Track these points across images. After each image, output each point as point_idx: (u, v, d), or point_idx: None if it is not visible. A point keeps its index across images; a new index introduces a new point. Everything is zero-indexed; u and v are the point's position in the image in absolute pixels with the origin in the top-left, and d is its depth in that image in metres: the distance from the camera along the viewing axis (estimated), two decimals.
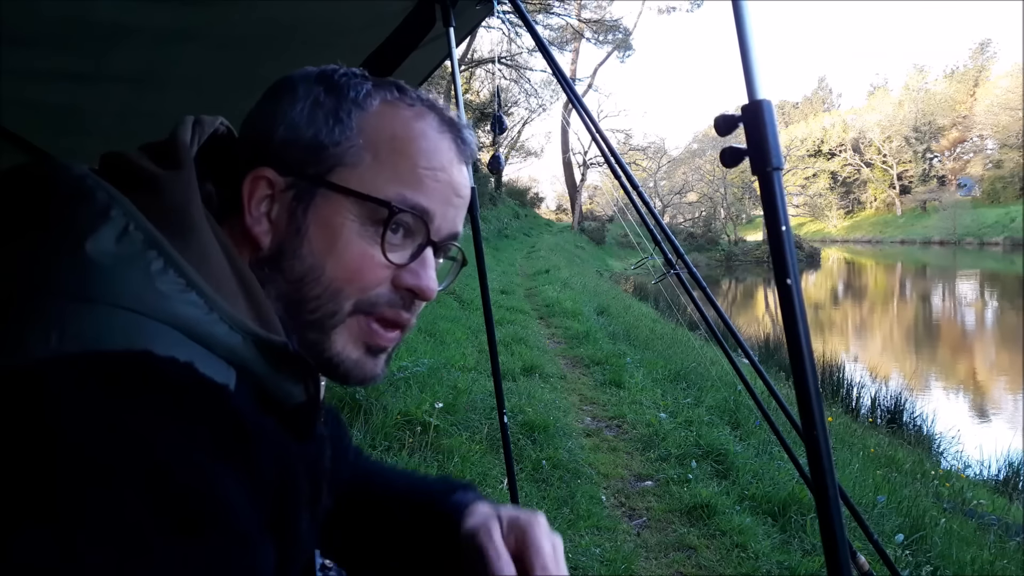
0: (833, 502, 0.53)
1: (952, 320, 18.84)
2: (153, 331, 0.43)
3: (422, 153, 0.55)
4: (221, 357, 0.46)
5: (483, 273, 1.71)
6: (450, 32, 1.49)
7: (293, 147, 0.54)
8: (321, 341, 0.55)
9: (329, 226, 0.54)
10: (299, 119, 0.55)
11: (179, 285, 0.45)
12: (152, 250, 0.45)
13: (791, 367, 0.55)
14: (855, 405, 7.23)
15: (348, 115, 0.55)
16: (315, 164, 0.54)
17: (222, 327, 0.46)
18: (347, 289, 0.54)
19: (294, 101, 0.55)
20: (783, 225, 0.54)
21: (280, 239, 0.54)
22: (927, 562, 2.84)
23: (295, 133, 0.55)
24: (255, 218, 0.54)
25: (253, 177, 0.54)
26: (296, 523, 0.49)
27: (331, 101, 0.55)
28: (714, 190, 41.09)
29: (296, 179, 0.54)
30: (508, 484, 2.01)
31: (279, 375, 0.50)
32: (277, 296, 0.54)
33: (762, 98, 0.55)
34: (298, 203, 0.54)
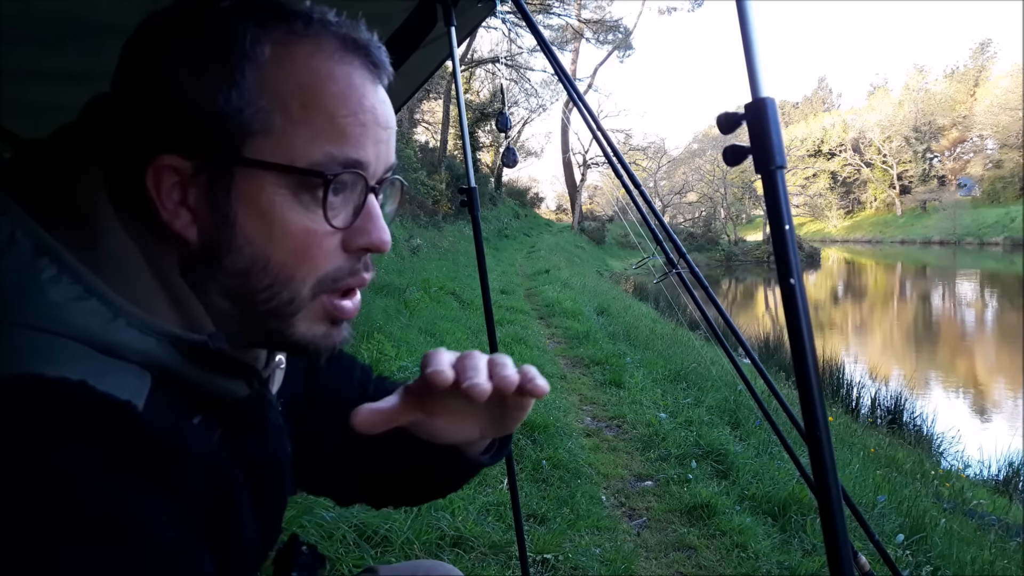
0: (835, 503, 0.53)
1: (952, 320, 18.84)
2: (45, 348, 0.40)
3: (336, 98, 0.48)
4: (135, 363, 0.43)
5: (484, 273, 1.71)
6: (451, 32, 1.49)
7: (188, 124, 0.46)
8: (283, 328, 0.50)
9: (258, 208, 0.47)
10: (187, 89, 0.46)
11: (75, 292, 0.42)
12: (43, 257, 0.42)
13: (794, 367, 0.55)
14: (855, 405, 7.23)
15: (242, 73, 0.46)
16: (221, 140, 0.46)
17: (129, 332, 0.43)
18: (299, 273, 0.49)
19: (173, 66, 0.46)
20: (786, 224, 0.54)
21: (207, 232, 0.48)
22: (927, 562, 2.83)
23: (186, 107, 0.46)
24: (171, 212, 0.47)
25: (154, 168, 0.46)
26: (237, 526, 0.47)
27: (217, 60, 0.46)
28: (714, 190, 41.08)
29: (203, 160, 0.46)
30: (508, 484, 2.01)
31: (209, 373, 0.47)
32: (221, 292, 0.49)
33: (765, 96, 0.54)
34: (216, 188, 0.47)
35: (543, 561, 2.45)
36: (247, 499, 0.49)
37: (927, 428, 6.71)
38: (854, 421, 6.37)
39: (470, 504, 2.69)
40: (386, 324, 5.25)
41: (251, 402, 0.50)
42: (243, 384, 0.49)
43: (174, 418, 0.44)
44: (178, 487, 0.41)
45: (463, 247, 14.60)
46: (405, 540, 2.32)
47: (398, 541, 2.31)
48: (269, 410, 0.52)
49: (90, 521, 0.35)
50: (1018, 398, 8.99)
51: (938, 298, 24.03)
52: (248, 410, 0.50)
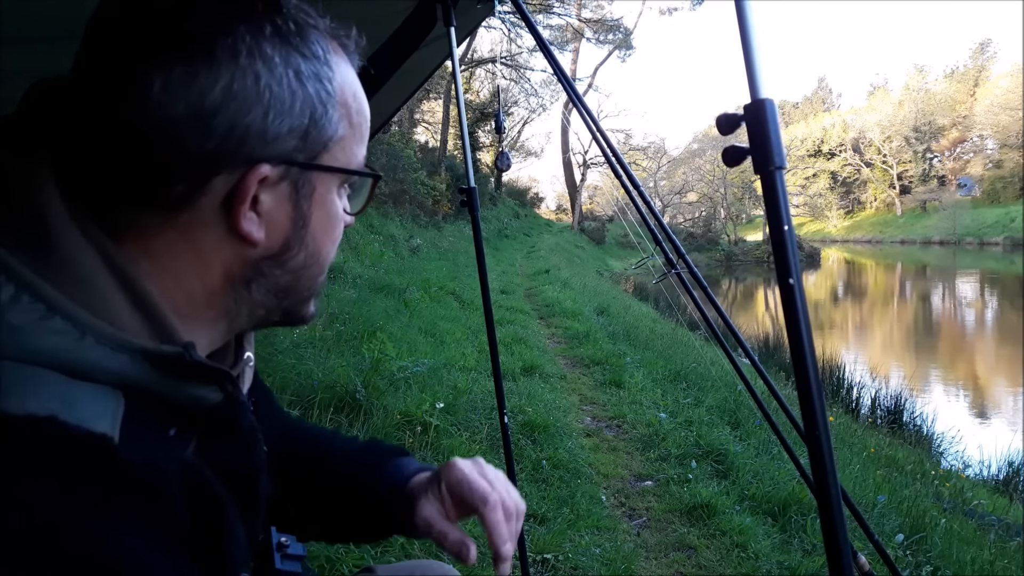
0: (835, 503, 0.53)
1: (952, 320, 18.84)
2: (7, 379, 0.37)
3: (362, 102, 0.52)
4: (106, 383, 0.40)
5: (483, 273, 1.71)
6: (451, 32, 1.49)
7: (287, 136, 0.46)
8: (303, 309, 0.54)
9: (326, 208, 0.51)
10: (285, 97, 0.45)
11: (38, 312, 0.38)
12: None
13: (793, 367, 0.55)
14: (855, 405, 7.23)
15: (331, 82, 0.48)
16: (309, 148, 0.48)
17: (99, 350, 0.40)
18: (330, 258, 0.54)
19: (274, 74, 0.44)
20: (785, 224, 0.54)
21: (285, 235, 0.49)
22: (927, 562, 2.84)
23: (286, 118, 0.45)
24: (248, 218, 0.46)
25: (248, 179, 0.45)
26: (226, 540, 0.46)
27: (307, 65, 0.46)
28: (714, 190, 41.09)
29: (288, 167, 0.47)
30: None
31: (184, 383, 0.44)
32: (271, 289, 0.50)
33: (765, 97, 0.54)
34: (298, 193, 0.49)
35: (543, 561, 2.45)
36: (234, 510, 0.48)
37: (927, 428, 6.71)
38: (854, 421, 6.37)
39: None
40: (386, 324, 5.25)
41: (225, 407, 0.48)
42: (216, 389, 0.47)
43: (151, 441, 0.42)
44: (161, 518, 0.39)
45: (463, 247, 14.60)
46: (405, 540, 2.32)
47: (398, 541, 2.31)
48: (242, 412, 0.51)
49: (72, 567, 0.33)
50: (1018, 398, 8.99)
51: (938, 298, 24.03)
52: (222, 415, 0.48)
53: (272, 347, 3.81)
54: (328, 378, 3.48)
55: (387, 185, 13.94)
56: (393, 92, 1.92)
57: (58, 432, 0.36)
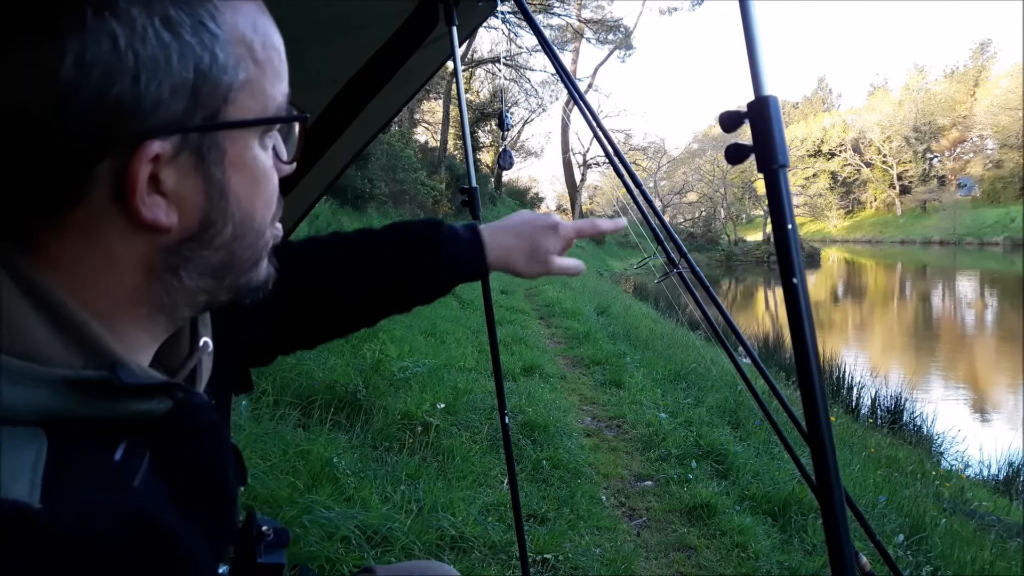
0: (838, 504, 0.52)
1: (952, 320, 18.84)
2: None
3: (268, 32, 0.44)
4: (29, 422, 0.36)
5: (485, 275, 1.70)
6: (453, 31, 1.49)
7: (170, 99, 0.38)
8: (255, 275, 0.48)
9: (247, 169, 0.43)
10: (156, 54, 0.37)
11: None
12: None
13: (796, 366, 0.55)
14: (855, 405, 7.23)
15: (211, 19, 0.39)
16: (204, 106, 0.39)
17: (14, 391, 0.35)
18: (268, 217, 0.47)
19: (136, 31, 0.36)
20: (789, 223, 0.54)
21: (201, 211, 0.42)
22: (927, 562, 2.83)
23: (163, 79, 0.37)
24: (149, 204, 0.39)
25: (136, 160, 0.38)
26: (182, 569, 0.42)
27: (176, 9, 0.38)
28: (714, 190, 41.10)
29: (185, 134, 0.39)
30: (509, 484, 2.01)
31: (121, 402, 0.40)
32: (202, 272, 0.44)
33: (768, 94, 0.54)
34: (205, 161, 0.41)
35: (543, 561, 2.45)
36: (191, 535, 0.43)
37: (927, 428, 6.71)
38: (854, 421, 6.36)
39: (471, 505, 2.69)
40: (388, 325, 5.24)
41: (177, 413, 0.43)
42: (162, 399, 0.42)
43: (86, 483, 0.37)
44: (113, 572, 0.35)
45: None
46: (406, 540, 2.32)
47: (398, 541, 2.30)
48: (200, 414, 0.46)
49: None
50: (1018, 398, 8.98)
51: (938, 298, 24.03)
52: (175, 423, 0.43)
53: None
54: (328, 378, 3.48)
55: (387, 185, 13.95)
56: (395, 93, 1.92)
57: None
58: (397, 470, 2.85)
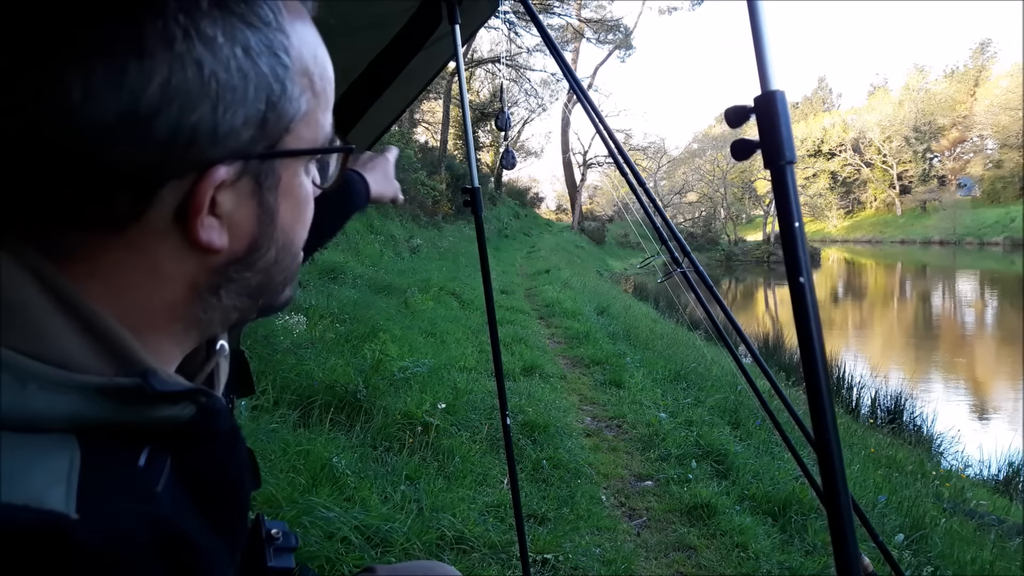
0: (845, 508, 0.52)
1: (952, 320, 18.84)
2: None
3: (324, 63, 0.44)
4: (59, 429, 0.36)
5: (487, 273, 1.69)
6: (456, 30, 1.48)
7: (242, 128, 0.38)
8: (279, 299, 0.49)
9: (294, 195, 0.44)
10: (236, 84, 0.37)
11: None
12: None
13: (803, 366, 0.54)
14: (855, 405, 7.23)
15: (284, 51, 0.39)
16: (269, 135, 0.40)
17: (45, 397, 0.35)
18: (302, 240, 0.48)
19: (219, 58, 0.36)
20: (796, 221, 0.53)
21: (251, 236, 0.43)
22: (928, 562, 2.83)
23: (239, 108, 0.37)
24: (206, 226, 0.40)
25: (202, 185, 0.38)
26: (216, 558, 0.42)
27: (256, 38, 0.38)
28: (714, 190, 41.12)
29: (246, 162, 0.40)
30: (509, 484, 2.00)
31: (149, 408, 0.40)
32: (241, 292, 0.44)
33: (775, 89, 0.53)
34: (262, 188, 0.42)
35: (543, 561, 2.45)
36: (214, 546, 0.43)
37: (927, 428, 6.71)
38: (854, 421, 6.36)
39: (471, 505, 2.68)
40: (387, 324, 5.24)
41: (199, 419, 0.44)
42: (187, 404, 0.42)
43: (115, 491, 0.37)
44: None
45: (463, 247, 14.59)
46: (406, 540, 2.31)
47: (399, 541, 2.30)
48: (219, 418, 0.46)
49: None
50: (1018, 398, 8.98)
51: (938, 298, 24.02)
52: (197, 428, 0.44)
53: (272, 347, 3.80)
54: (329, 378, 3.47)
55: None
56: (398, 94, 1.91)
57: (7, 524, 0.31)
58: (397, 470, 2.85)
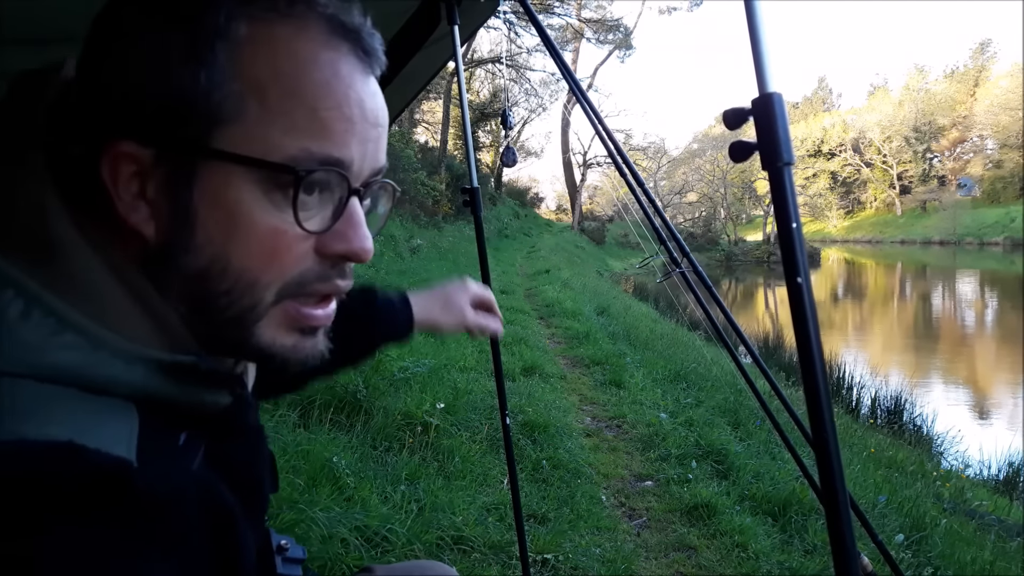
0: (843, 507, 0.52)
1: (952, 320, 18.84)
2: (24, 402, 0.35)
3: (319, 87, 0.42)
4: (120, 396, 0.39)
5: (486, 273, 1.70)
6: (455, 31, 1.48)
7: (147, 107, 0.40)
8: (245, 337, 0.45)
9: (223, 205, 0.42)
10: (147, 67, 0.40)
11: (49, 327, 0.37)
12: (7, 290, 0.37)
13: (800, 366, 0.54)
14: (855, 405, 7.23)
15: (212, 51, 0.40)
16: (184, 126, 0.41)
17: (113, 364, 0.38)
18: (264, 278, 0.43)
19: (133, 43, 0.41)
20: (793, 222, 0.53)
21: (164, 229, 0.42)
22: (928, 562, 2.83)
23: (145, 87, 0.40)
24: (128, 204, 0.41)
25: (110, 156, 0.40)
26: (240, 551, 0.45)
27: (185, 34, 0.40)
28: (714, 190, 41.12)
29: (164, 148, 0.41)
30: (509, 484, 2.00)
31: (196, 390, 0.43)
32: (177, 296, 0.43)
33: (773, 91, 0.53)
34: (177, 181, 0.41)
35: (543, 561, 2.45)
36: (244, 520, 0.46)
37: (927, 428, 6.71)
38: (854, 421, 6.36)
39: (471, 504, 2.69)
40: None
41: (233, 409, 0.46)
42: (226, 393, 0.45)
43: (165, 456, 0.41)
44: (179, 543, 0.38)
45: (463, 247, 14.59)
46: (406, 541, 2.31)
47: (399, 542, 2.30)
48: (249, 413, 0.49)
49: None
50: (1018, 398, 8.98)
51: (938, 298, 24.02)
52: (230, 417, 0.47)
53: None
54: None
55: None
56: (397, 94, 1.91)
57: (77, 459, 0.34)
58: (397, 470, 2.85)
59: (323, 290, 0.46)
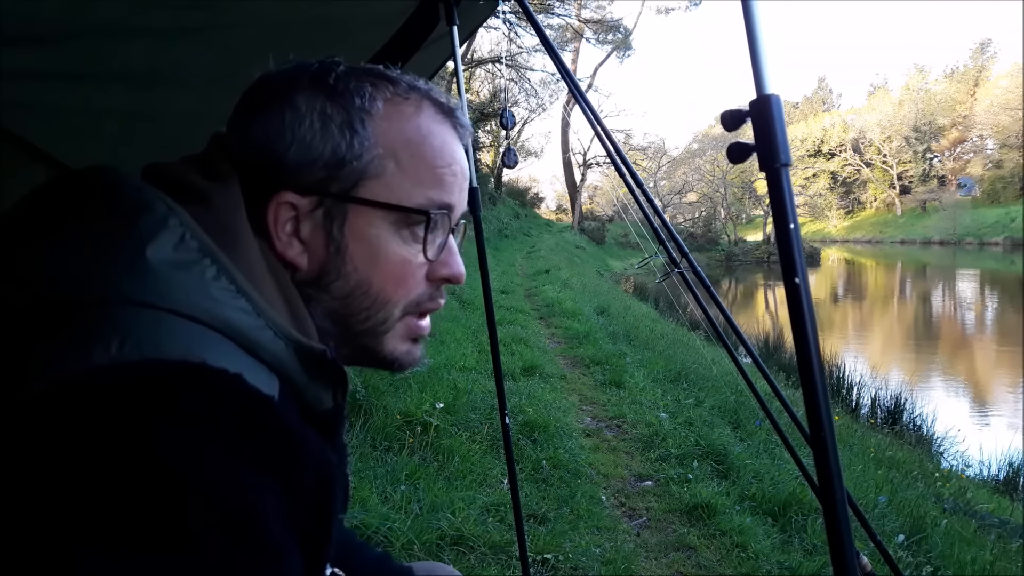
0: (840, 506, 0.52)
1: (952, 320, 18.84)
2: (207, 340, 0.44)
3: (436, 152, 0.57)
4: (266, 363, 0.48)
5: (485, 274, 1.70)
6: (454, 31, 1.48)
7: (312, 167, 0.54)
8: (375, 345, 0.58)
9: (367, 240, 0.55)
10: (310, 136, 0.54)
11: (231, 292, 0.47)
12: (206, 258, 0.47)
13: (798, 366, 0.54)
14: (855, 405, 7.23)
15: (362, 125, 0.55)
16: (339, 180, 0.54)
17: (268, 333, 0.48)
18: (395, 297, 0.57)
19: (298, 116, 0.54)
20: (791, 223, 0.53)
21: (321, 260, 0.55)
22: (928, 562, 2.83)
23: (310, 152, 0.54)
24: (285, 242, 0.55)
25: (276, 203, 0.54)
26: (329, 530, 0.50)
27: (340, 112, 0.55)
28: (714, 190, 41.12)
29: (321, 198, 0.54)
30: (509, 484, 2.01)
31: (314, 382, 0.51)
32: (324, 313, 0.56)
33: (771, 93, 0.54)
34: (331, 222, 0.55)
35: (543, 561, 2.45)
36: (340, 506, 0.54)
37: (927, 428, 6.71)
38: (855, 421, 6.36)
39: (470, 504, 2.69)
40: None
41: (333, 415, 0.55)
42: (331, 396, 0.54)
43: (297, 420, 0.48)
44: (297, 486, 0.43)
45: (463, 247, 14.56)
46: (406, 541, 2.32)
47: (399, 542, 2.30)
48: (342, 424, 0.58)
49: (222, 511, 0.37)
50: (1018, 398, 8.98)
51: (938, 298, 24.02)
52: (329, 423, 0.54)
53: None
54: None
55: None
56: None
57: (244, 388, 0.42)
58: (397, 470, 2.85)
59: (430, 308, 0.60)
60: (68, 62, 1.30)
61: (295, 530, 0.42)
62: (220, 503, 0.37)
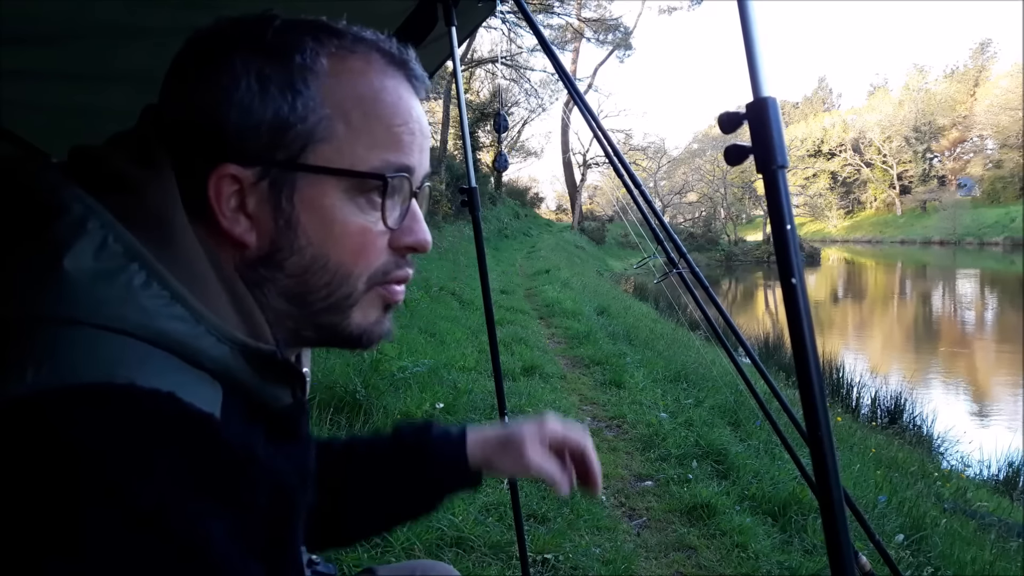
0: (837, 505, 0.52)
1: (952, 320, 18.83)
2: (136, 356, 0.41)
3: (391, 109, 0.52)
4: (208, 371, 0.44)
5: (484, 274, 1.70)
6: (452, 31, 1.49)
7: (253, 134, 0.48)
8: (339, 321, 0.54)
9: (320, 210, 0.50)
10: (249, 100, 0.48)
11: (163, 299, 0.42)
12: (134, 263, 0.42)
13: (796, 367, 0.54)
14: (855, 405, 7.22)
15: (305, 84, 0.49)
16: (284, 147, 0.49)
17: (208, 340, 0.44)
18: (356, 269, 0.52)
19: (235, 78, 0.48)
20: (788, 224, 0.54)
21: (271, 236, 0.50)
22: (928, 562, 2.83)
23: (250, 117, 0.48)
24: (230, 219, 0.49)
25: (217, 177, 0.48)
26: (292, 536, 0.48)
27: (279, 72, 0.49)
28: (714, 190, 41.13)
29: (266, 167, 0.49)
30: (508, 484, 2.01)
31: (267, 381, 0.48)
32: (279, 293, 0.51)
33: (767, 95, 0.54)
34: (278, 193, 0.49)
35: (543, 561, 2.45)
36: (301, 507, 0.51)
37: (927, 428, 6.71)
38: (854, 421, 6.36)
39: (470, 504, 2.69)
40: None
41: (292, 410, 0.52)
42: (289, 392, 0.51)
43: (242, 431, 0.45)
44: (246, 504, 0.42)
45: (463, 247, 14.59)
46: (406, 541, 2.32)
47: (399, 542, 2.31)
48: (304, 419, 0.54)
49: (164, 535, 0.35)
50: (1018, 398, 8.98)
51: (938, 298, 24.02)
52: (288, 418, 0.52)
53: None
54: (328, 378, 3.48)
55: None
56: None
57: (177, 409, 0.40)
58: None
59: (399, 277, 0.55)
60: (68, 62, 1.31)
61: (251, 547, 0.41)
62: (165, 539, 0.35)
